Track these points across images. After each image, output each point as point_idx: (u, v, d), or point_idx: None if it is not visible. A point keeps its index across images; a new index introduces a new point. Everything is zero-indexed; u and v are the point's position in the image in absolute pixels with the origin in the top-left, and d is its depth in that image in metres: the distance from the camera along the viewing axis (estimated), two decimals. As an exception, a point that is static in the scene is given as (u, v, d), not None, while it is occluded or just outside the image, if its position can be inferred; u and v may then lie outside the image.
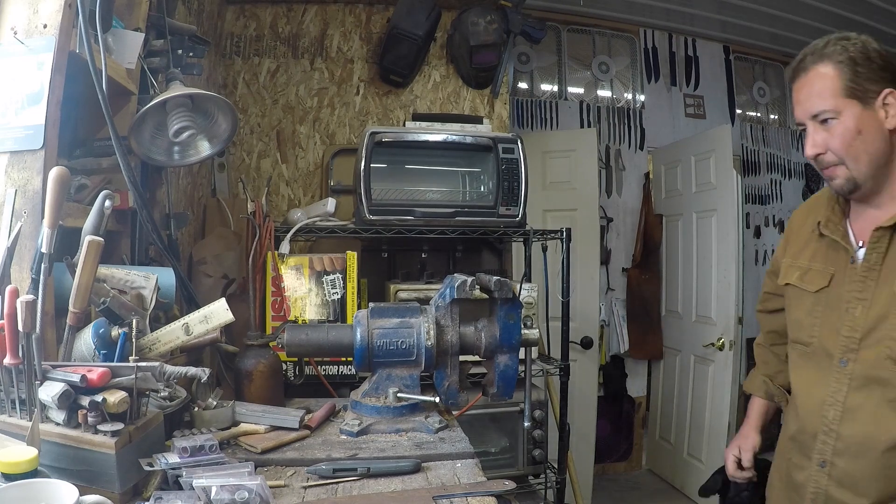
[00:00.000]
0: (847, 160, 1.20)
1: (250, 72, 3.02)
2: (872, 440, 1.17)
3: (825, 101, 1.19)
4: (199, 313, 1.23)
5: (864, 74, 1.17)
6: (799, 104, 1.24)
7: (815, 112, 1.20)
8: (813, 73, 1.21)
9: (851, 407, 1.21)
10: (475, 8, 2.94)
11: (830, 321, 1.25)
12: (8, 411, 0.98)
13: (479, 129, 2.48)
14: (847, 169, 1.20)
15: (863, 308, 1.21)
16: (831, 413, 1.23)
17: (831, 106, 1.18)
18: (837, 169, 1.21)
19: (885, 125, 1.18)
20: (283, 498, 0.99)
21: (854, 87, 1.17)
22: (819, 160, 1.22)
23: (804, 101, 1.22)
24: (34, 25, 1.23)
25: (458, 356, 1.29)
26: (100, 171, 1.45)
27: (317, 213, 2.31)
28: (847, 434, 1.21)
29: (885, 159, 1.20)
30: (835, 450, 1.23)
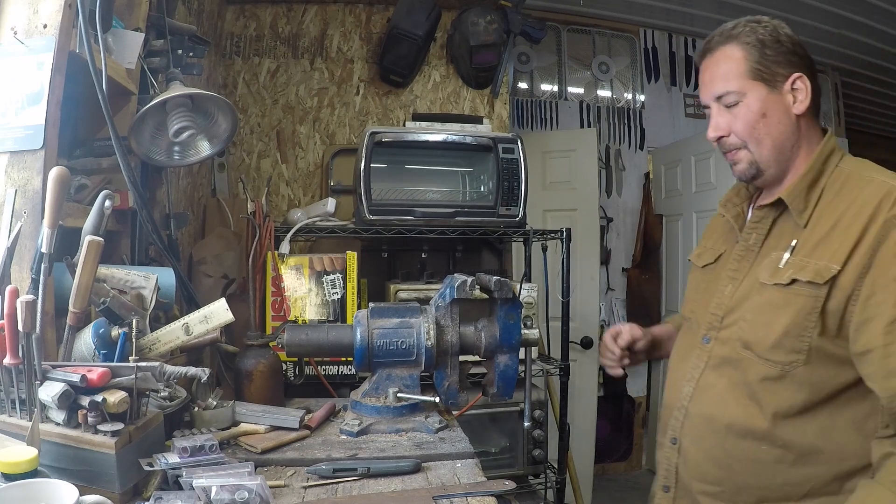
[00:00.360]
0: (750, 143, 1.15)
1: (250, 72, 3.02)
2: (713, 422, 1.14)
3: (730, 82, 1.15)
4: (199, 313, 1.23)
5: (772, 57, 1.14)
6: (704, 85, 1.20)
7: (719, 93, 1.16)
8: (719, 54, 1.17)
9: (703, 385, 1.18)
10: (475, 8, 2.94)
11: (706, 298, 1.25)
12: (8, 411, 0.98)
13: (479, 129, 2.48)
14: (749, 152, 1.16)
15: (732, 287, 1.19)
16: (686, 389, 1.21)
17: (736, 87, 1.14)
18: (740, 153, 1.17)
19: (791, 110, 1.14)
20: (283, 498, 0.99)
21: (761, 69, 1.13)
22: (722, 143, 1.19)
23: (709, 83, 1.19)
24: (34, 25, 1.23)
25: (458, 356, 1.29)
26: (100, 171, 1.45)
27: (317, 213, 2.31)
28: (694, 412, 1.19)
29: (790, 144, 1.15)
30: (683, 427, 1.20)
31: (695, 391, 1.19)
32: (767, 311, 1.10)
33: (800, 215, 1.11)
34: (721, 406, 1.14)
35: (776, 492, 1.10)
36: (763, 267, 1.14)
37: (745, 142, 1.15)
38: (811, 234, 1.09)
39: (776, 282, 1.09)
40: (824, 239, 1.06)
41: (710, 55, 1.19)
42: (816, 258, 1.05)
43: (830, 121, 5.02)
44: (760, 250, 1.18)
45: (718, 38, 1.18)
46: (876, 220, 1.01)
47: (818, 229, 1.08)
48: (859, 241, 1.01)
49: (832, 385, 1.06)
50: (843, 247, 1.03)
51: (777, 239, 1.16)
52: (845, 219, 1.05)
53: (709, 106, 1.20)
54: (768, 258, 1.14)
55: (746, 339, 1.12)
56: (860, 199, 1.05)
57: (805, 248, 1.08)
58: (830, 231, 1.06)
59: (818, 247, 1.07)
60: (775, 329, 1.07)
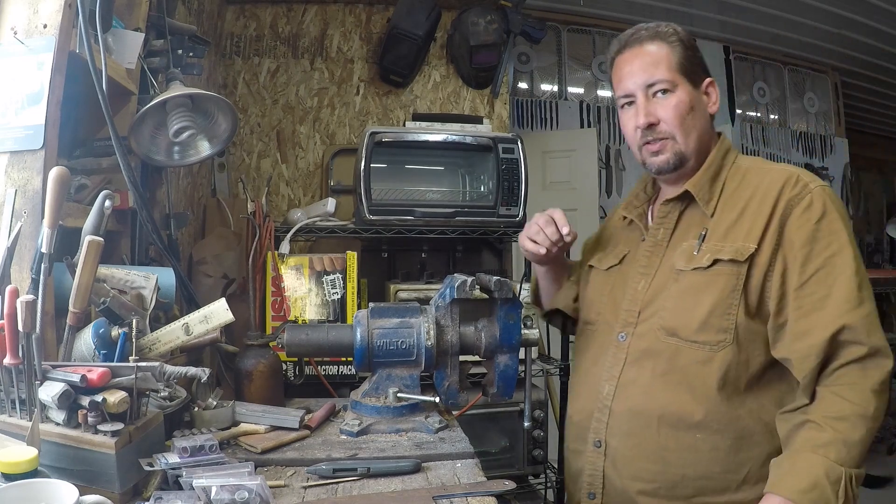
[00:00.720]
0: (678, 134, 1.18)
1: (250, 72, 3.02)
2: (642, 415, 1.13)
3: (663, 72, 1.18)
4: (199, 313, 1.23)
5: (692, 58, 1.21)
6: (631, 74, 1.21)
7: (651, 81, 1.18)
8: (649, 46, 1.21)
9: (625, 382, 1.17)
10: (475, 8, 2.94)
11: (615, 297, 1.25)
12: (8, 411, 0.98)
13: (479, 129, 2.48)
14: (676, 143, 1.19)
15: (645, 282, 1.21)
16: (606, 388, 1.19)
17: (669, 77, 1.18)
18: (668, 142, 1.19)
19: (708, 109, 1.23)
20: (283, 498, 0.99)
21: (687, 65, 1.20)
22: (652, 131, 1.19)
23: (638, 71, 1.20)
24: (34, 25, 1.23)
25: (458, 356, 1.29)
26: (100, 171, 1.45)
27: (317, 213, 2.31)
28: (619, 410, 1.16)
29: (708, 139, 1.23)
30: (608, 427, 1.17)
31: (617, 389, 1.18)
32: (690, 296, 1.13)
33: (706, 205, 1.18)
34: (649, 398, 1.14)
35: (714, 481, 1.10)
36: (676, 257, 1.17)
37: (673, 132, 1.19)
38: (719, 222, 1.15)
39: (695, 266, 1.13)
40: (734, 225, 1.13)
41: (638, 46, 1.22)
42: (731, 241, 1.11)
43: (830, 121, 5.03)
44: (669, 243, 1.21)
45: (645, 32, 1.22)
46: (781, 200, 1.10)
47: (725, 217, 1.15)
48: (769, 221, 1.09)
49: (757, 365, 1.10)
50: (755, 228, 1.10)
51: (685, 230, 1.20)
52: (752, 204, 1.13)
53: (632, 95, 1.21)
54: (679, 249, 1.18)
55: (670, 326, 1.14)
56: (763, 186, 1.14)
57: (716, 235, 1.14)
58: (739, 217, 1.13)
59: (730, 232, 1.13)
60: (700, 311, 1.10)
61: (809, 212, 1.08)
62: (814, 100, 4.91)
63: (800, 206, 1.08)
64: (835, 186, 4.92)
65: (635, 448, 1.15)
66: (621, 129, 1.29)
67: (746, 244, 1.09)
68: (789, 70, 4.85)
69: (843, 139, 5.07)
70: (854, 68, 4.81)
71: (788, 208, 1.09)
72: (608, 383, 1.19)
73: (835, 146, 4.99)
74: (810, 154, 4.90)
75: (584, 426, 1.22)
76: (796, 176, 1.12)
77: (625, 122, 1.25)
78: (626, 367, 1.18)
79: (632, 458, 1.15)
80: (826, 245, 1.06)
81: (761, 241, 1.09)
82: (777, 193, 1.11)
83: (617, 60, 1.26)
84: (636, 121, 1.20)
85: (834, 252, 1.05)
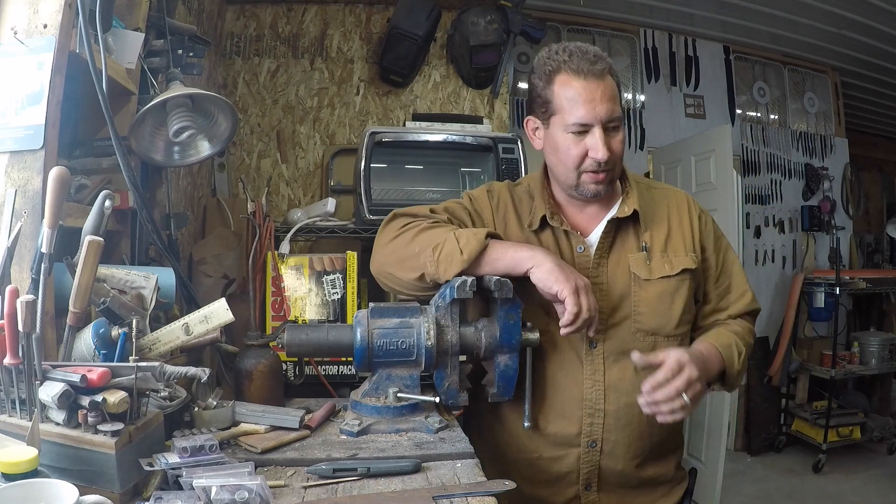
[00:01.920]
0: (617, 166, 1.32)
1: (250, 72, 3.03)
2: (634, 406, 1.24)
3: (618, 109, 1.28)
4: (199, 313, 1.23)
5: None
6: (594, 107, 1.25)
7: (612, 118, 1.26)
8: (609, 80, 1.27)
9: (611, 383, 1.31)
10: (475, 8, 2.94)
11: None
12: (8, 411, 0.98)
13: (479, 129, 2.48)
14: (614, 173, 1.32)
15: (601, 292, 1.32)
16: (592, 394, 1.32)
17: (620, 114, 1.29)
18: (611, 174, 1.31)
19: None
20: (283, 498, 0.99)
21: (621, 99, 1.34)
22: (608, 163, 1.27)
23: (601, 106, 1.25)
24: (34, 25, 1.23)
25: (458, 356, 1.29)
26: (100, 171, 1.45)
27: (317, 213, 2.31)
28: (612, 410, 1.31)
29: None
30: (605, 427, 1.32)
31: (606, 391, 1.31)
32: (665, 299, 1.33)
33: (644, 222, 1.36)
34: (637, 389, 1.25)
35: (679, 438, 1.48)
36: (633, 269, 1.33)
37: (616, 165, 1.31)
38: (655, 236, 1.36)
39: (663, 275, 1.33)
40: (669, 238, 1.36)
41: (601, 79, 1.26)
42: (675, 252, 1.35)
43: (830, 121, 5.03)
44: (610, 255, 1.35)
45: (603, 62, 1.27)
46: (693, 218, 1.40)
47: (656, 231, 1.36)
48: (692, 236, 1.38)
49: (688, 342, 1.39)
50: (687, 241, 1.37)
51: (623, 243, 1.36)
52: (673, 220, 1.39)
53: (590, 125, 1.26)
54: (624, 260, 1.34)
55: (651, 328, 1.32)
56: (673, 205, 1.41)
57: (657, 245, 1.35)
58: (669, 232, 1.37)
59: (669, 244, 1.36)
60: (676, 310, 1.33)
61: (709, 226, 1.42)
62: (814, 100, 4.91)
63: (704, 223, 1.41)
64: (835, 186, 4.92)
65: (631, 435, 1.32)
66: (558, 150, 1.31)
67: (692, 255, 1.36)
68: (789, 70, 4.85)
69: (843, 139, 5.07)
70: (854, 68, 4.81)
71: (703, 223, 1.41)
72: (593, 389, 1.32)
73: (835, 146, 4.99)
74: (810, 154, 4.90)
75: (571, 432, 1.33)
76: (689, 199, 1.44)
77: (568, 146, 1.28)
78: (608, 371, 1.32)
79: (629, 443, 1.33)
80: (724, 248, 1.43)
81: (695, 251, 1.37)
82: (688, 213, 1.40)
83: (574, 84, 1.26)
84: (595, 154, 1.26)
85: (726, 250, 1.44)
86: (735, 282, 1.43)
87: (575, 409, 1.32)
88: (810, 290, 4.46)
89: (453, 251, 1.23)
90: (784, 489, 3.88)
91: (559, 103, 1.28)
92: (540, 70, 1.31)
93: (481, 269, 1.25)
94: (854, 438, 4.27)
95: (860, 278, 4.39)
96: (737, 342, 1.35)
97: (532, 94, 1.35)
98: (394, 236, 1.32)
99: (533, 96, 1.34)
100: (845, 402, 4.58)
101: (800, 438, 4.41)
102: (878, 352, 4.40)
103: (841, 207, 4.98)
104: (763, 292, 4.64)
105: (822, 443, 4.10)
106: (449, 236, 1.25)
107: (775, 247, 4.69)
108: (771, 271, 4.68)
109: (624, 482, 1.36)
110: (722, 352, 1.32)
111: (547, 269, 1.20)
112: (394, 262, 1.31)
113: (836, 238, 4.65)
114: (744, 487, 3.88)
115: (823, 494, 3.77)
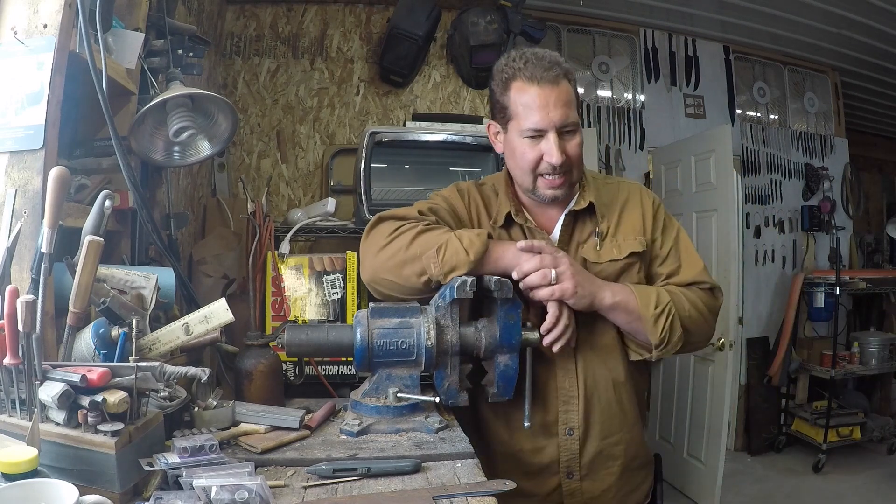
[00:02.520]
0: (575, 169, 1.35)
1: (250, 72, 3.03)
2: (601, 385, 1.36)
3: (573, 114, 1.31)
4: (199, 313, 1.23)
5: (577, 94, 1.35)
6: (547, 113, 1.28)
7: (568, 122, 1.29)
8: (563, 86, 1.29)
9: (581, 369, 1.37)
10: (475, 8, 2.94)
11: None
12: (8, 411, 0.98)
13: (479, 128, 2.48)
14: (572, 176, 1.35)
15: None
16: (567, 382, 1.37)
17: (575, 119, 1.32)
18: (567, 177, 1.34)
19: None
20: (283, 498, 0.99)
21: (577, 103, 1.34)
22: (563, 166, 1.31)
23: (554, 112, 1.28)
24: (34, 25, 1.23)
25: (458, 356, 1.29)
26: (100, 171, 1.45)
27: (317, 213, 2.32)
28: (582, 393, 1.37)
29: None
30: (581, 412, 1.37)
31: (578, 378, 1.38)
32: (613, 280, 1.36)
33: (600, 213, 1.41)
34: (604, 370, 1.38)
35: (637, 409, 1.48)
36: (585, 252, 1.39)
37: (572, 167, 1.34)
38: (607, 224, 1.41)
39: (611, 258, 1.38)
40: (619, 224, 1.42)
41: (555, 85, 1.28)
42: (625, 237, 1.41)
43: (830, 121, 5.03)
44: (569, 245, 1.40)
45: (559, 68, 1.30)
46: (646, 205, 1.45)
47: (609, 219, 1.42)
48: (643, 221, 1.43)
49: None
50: (636, 226, 1.42)
51: (580, 234, 1.41)
52: (627, 209, 1.44)
53: (543, 130, 1.29)
54: (580, 248, 1.40)
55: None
56: (623, 196, 1.46)
57: (610, 233, 1.41)
58: (619, 219, 1.42)
59: (619, 230, 1.41)
60: None
61: (660, 212, 1.46)
62: (814, 100, 4.91)
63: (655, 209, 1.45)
64: (835, 186, 4.92)
65: (603, 414, 1.39)
66: (514, 155, 1.35)
67: (639, 237, 1.41)
68: (789, 70, 4.85)
69: (843, 139, 5.07)
70: (854, 68, 4.81)
71: (654, 210, 1.45)
72: (566, 378, 1.38)
73: (835, 146, 4.98)
74: (810, 154, 4.89)
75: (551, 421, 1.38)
76: (642, 188, 1.51)
77: (524, 151, 1.32)
78: (577, 358, 1.38)
79: (601, 423, 1.39)
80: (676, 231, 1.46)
81: (644, 235, 1.41)
82: (640, 201, 1.45)
83: (528, 90, 1.29)
84: (550, 158, 1.29)
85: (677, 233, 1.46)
86: (687, 262, 1.44)
87: (551, 399, 1.38)
88: (810, 290, 4.46)
89: (458, 252, 1.24)
90: (784, 489, 3.87)
91: (515, 109, 1.31)
92: (497, 77, 1.35)
93: (484, 269, 1.28)
94: (854, 438, 4.27)
95: (860, 278, 4.39)
96: (660, 292, 1.33)
97: (491, 99, 1.39)
98: (387, 241, 1.31)
99: (492, 102, 1.39)
100: (845, 402, 4.59)
101: (800, 438, 4.41)
102: (878, 352, 4.40)
103: (841, 207, 4.98)
104: (763, 292, 4.64)
105: (822, 443, 4.10)
106: (451, 237, 1.26)
107: (775, 247, 4.69)
108: (771, 271, 4.68)
109: (601, 466, 1.41)
110: (634, 290, 1.32)
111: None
112: (392, 267, 1.30)
113: (836, 238, 4.65)
114: (744, 487, 3.88)
115: (823, 494, 3.77)
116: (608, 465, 1.41)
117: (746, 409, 4.48)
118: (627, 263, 1.39)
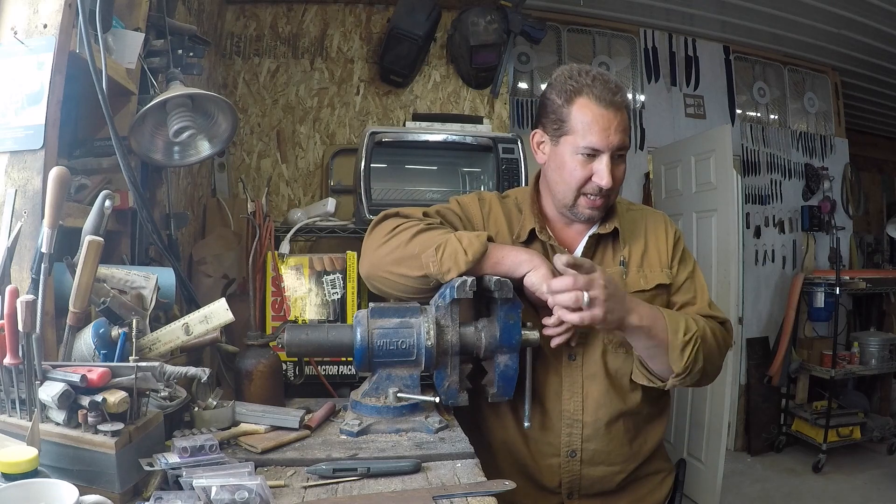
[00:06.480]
0: (614, 194, 1.37)
1: (250, 72, 3.02)
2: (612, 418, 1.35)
3: (628, 141, 1.33)
4: (199, 313, 1.23)
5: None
6: (608, 135, 1.28)
7: (622, 148, 1.31)
8: (624, 113, 1.31)
9: (587, 394, 1.36)
10: (475, 8, 2.94)
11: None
12: (8, 411, 0.98)
13: (479, 129, 2.48)
14: (610, 199, 1.37)
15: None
16: (571, 405, 1.36)
17: (629, 146, 1.34)
18: (607, 200, 1.35)
19: None
20: (283, 498, 0.99)
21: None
22: (608, 190, 1.32)
23: (615, 135, 1.29)
24: (34, 25, 1.23)
25: (458, 356, 1.29)
26: (100, 171, 1.45)
27: (317, 213, 2.32)
28: (590, 421, 1.36)
29: None
30: (583, 437, 1.36)
31: (585, 402, 1.36)
32: None
33: (623, 239, 1.42)
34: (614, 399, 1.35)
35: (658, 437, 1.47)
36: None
37: (613, 192, 1.35)
38: (633, 251, 1.41)
39: (639, 289, 1.37)
40: (645, 254, 1.41)
41: (619, 110, 1.30)
42: (651, 268, 1.41)
43: (830, 121, 5.03)
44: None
45: (622, 96, 1.31)
46: (669, 237, 1.45)
47: (634, 248, 1.41)
48: (668, 251, 1.43)
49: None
50: (662, 258, 1.42)
51: (601, 257, 1.41)
52: (650, 239, 1.44)
53: (599, 151, 1.30)
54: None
55: (626, 341, 1.32)
56: (651, 225, 1.46)
57: (634, 261, 1.40)
58: (646, 249, 1.42)
59: (644, 260, 1.41)
60: None
61: (680, 243, 1.46)
62: (814, 100, 4.91)
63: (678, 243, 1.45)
64: (835, 186, 4.92)
65: (611, 443, 1.37)
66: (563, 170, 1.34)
67: (665, 270, 1.41)
68: (789, 70, 4.85)
69: (843, 139, 5.07)
70: (854, 68, 4.81)
71: (676, 242, 1.45)
72: (571, 401, 1.36)
73: (835, 146, 4.98)
74: (810, 154, 4.90)
75: (550, 442, 1.37)
76: (666, 219, 1.50)
77: (574, 168, 1.32)
78: (585, 383, 1.36)
79: (608, 451, 1.37)
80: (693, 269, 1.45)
81: (669, 267, 1.42)
82: (665, 232, 1.45)
83: (594, 109, 1.29)
84: (600, 180, 1.30)
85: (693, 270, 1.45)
86: (701, 295, 1.43)
87: (555, 420, 1.37)
88: (810, 290, 4.46)
89: (457, 251, 1.24)
90: (784, 489, 3.88)
91: (574, 125, 1.30)
92: (560, 88, 1.32)
93: (482, 270, 1.27)
94: (854, 438, 4.27)
95: (860, 278, 4.39)
96: (689, 319, 1.29)
97: (546, 108, 1.36)
98: (387, 238, 1.32)
99: (547, 111, 1.35)
100: (845, 402, 4.59)
101: (800, 438, 4.41)
102: (878, 352, 4.40)
103: (841, 207, 4.98)
104: (763, 292, 4.64)
105: (822, 443, 4.10)
106: (450, 237, 1.26)
107: (775, 247, 4.69)
108: (771, 271, 4.68)
109: (606, 488, 1.40)
110: (665, 315, 1.27)
111: (542, 275, 1.23)
112: (391, 262, 1.30)
113: (836, 238, 4.65)
114: (744, 487, 3.88)
115: (823, 494, 3.77)
116: (614, 486, 1.41)
117: (746, 409, 4.48)
118: (653, 296, 1.38)
